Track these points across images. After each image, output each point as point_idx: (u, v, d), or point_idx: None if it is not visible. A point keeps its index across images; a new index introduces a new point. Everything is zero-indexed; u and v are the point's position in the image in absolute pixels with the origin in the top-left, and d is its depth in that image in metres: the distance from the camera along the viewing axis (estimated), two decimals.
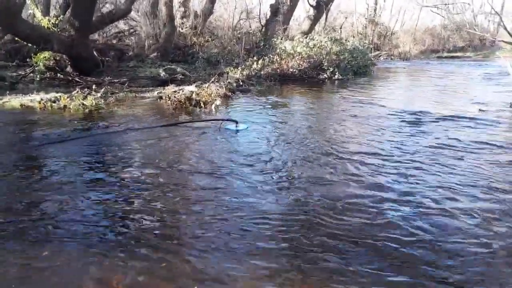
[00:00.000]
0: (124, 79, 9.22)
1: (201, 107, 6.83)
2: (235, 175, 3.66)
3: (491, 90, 9.56)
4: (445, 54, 24.25)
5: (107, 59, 10.68)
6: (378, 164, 3.97)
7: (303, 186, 3.43)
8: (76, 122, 5.81)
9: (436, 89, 10.14)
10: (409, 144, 4.69)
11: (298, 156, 4.28)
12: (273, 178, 3.62)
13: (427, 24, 26.98)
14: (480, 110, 6.79)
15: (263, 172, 3.76)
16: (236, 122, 5.55)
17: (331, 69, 11.81)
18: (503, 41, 12.95)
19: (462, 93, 9.22)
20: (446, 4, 22.55)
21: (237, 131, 5.37)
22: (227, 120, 5.72)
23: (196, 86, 7.77)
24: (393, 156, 4.25)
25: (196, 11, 14.83)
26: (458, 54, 24.43)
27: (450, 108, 7.03)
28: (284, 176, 3.67)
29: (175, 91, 7.31)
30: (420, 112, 6.55)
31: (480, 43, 25.33)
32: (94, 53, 9.96)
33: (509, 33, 9.15)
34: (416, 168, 3.86)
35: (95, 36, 12.70)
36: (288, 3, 15.24)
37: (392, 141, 4.85)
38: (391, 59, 21.41)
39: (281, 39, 12.91)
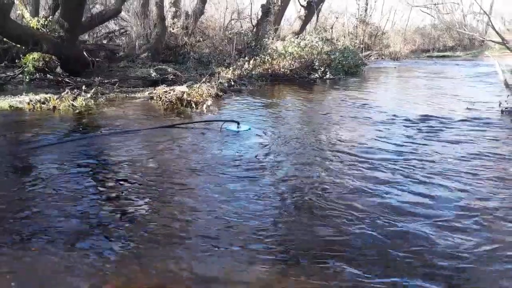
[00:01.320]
0: (115, 80, 9.15)
1: (192, 107, 6.81)
2: (238, 180, 3.51)
3: (480, 89, 9.68)
4: (435, 54, 24.50)
5: (97, 59, 10.59)
6: (382, 168, 3.92)
7: (316, 194, 3.24)
8: (67, 123, 5.75)
9: (425, 88, 10.24)
10: (409, 147, 4.71)
11: (305, 160, 4.10)
12: (281, 186, 3.42)
13: (417, 24, 27.27)
14: (467, 108, 6.88)
15: (269, 179, 3.57)
16: (238, 123, 5.40)
17: (322, 68, 11.88)
18: (491, 40, 13.12)
19: (451, 92, 9.32)
20: (435, 4, 22.75)
21: (239, 132, 5.23)
22: (229, 121, 5.55)
23: (187, 86, 7.74)
24: (394, 160, 4.19)
25: (187, 11, 14.79)
26: (448, 53, 24.71)
27: (439, 107, 7.11)
28: (295, 183, 3.48)
29: (166, 91, 7.28)
30: (410, 111, 6.62)
31: (469, 43, 25.63)
32: (84, 53, 9.88)
33: (497, 32, 9.28)
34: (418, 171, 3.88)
35: (85, 36, 12.60)
36: (279, 3, 15.26)
37: (391, 143, 4.82)
38: (382, 58, 21.55)
39: (273, 39, 12.94)
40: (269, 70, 11.33)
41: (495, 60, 7.76)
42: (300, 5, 16.20)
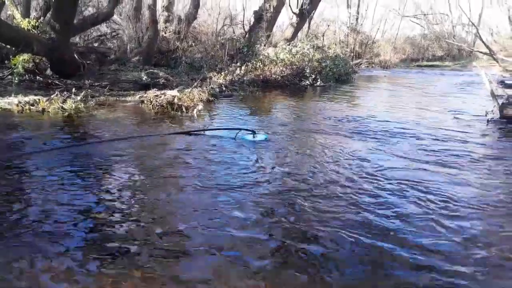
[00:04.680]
0: (105, 83, 9.12)
1: (183, 111, 6.82)
2: (255, 201, 3.21)
3: (468, 99, 9.84)
4: (425, 63, 24.85)
5: (88, 62, 10.54)
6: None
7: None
8: (57, 127, 5.66)
9: (414, 98, 10.38)
10: (401, 159, 4.76)
11: (332, 175, 3.87)
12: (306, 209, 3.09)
13: (407, 34, 27.63)
14: (455, 118, 7.00)
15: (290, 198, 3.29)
16: (254, 132, 5.17)
17: (313, 76, 11.97)
18: (479, 51, 13.38)
19: (439, 102, 9.45)
20: (425, 14, 23.13)
21: (254, 142, 4.98)
22: (245, 130, 5.34)
23: (178, 90, 7.75)
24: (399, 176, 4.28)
25: (179, 16, 14.81)
26: (437, 63, 25.07)
27: (428, 117, 7.15)
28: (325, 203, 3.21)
29: (157, 95, 7.28)
30: (399, 122, 6.58)
31: (458, 53, 26.06)
32: (75, 56, 9.82)
33: (484, 44, 9.49)
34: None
35: (76, 38, 12.54)
36: (272, 10, 15.36)
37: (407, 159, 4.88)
38: (372, 67, 21.80)
39: (265, 45, 13.02)
40: (261, 76, 11.39)
41: (481, 71, 7.89)
42: (292, 12, 16.31)
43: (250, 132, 5.20)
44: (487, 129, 6.30)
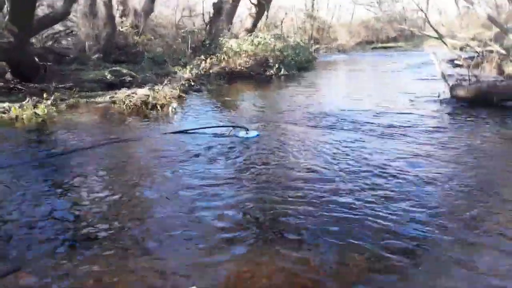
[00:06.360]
0: (70, 84, 8.96)
1: (158, 110, 6.93)
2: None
3: (421, 80, 10.51)
4: (379, 45, 25.85)
5: (48, 63, 10.27)
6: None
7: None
8: (36, 135, 5.57)
9: (371, 83, 10.97)
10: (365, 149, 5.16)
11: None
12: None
13: (362, 17, 28.50)
14: (410, 100, 7.54)
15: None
16: (247, 130, 5.31)
17: (277, 65, 12.30)
18: (428, 35, 14.20)
19: (395, 85, 10.04)
20: (378, 1, 23.95)
21: (247, 138, 5.09)
22: (238, 127, 5.47)
23: (149, 89, 7.81)
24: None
25: (135, 9, 14.58)
26: (391, 44, 26.16)
27: (387, 102, 7.42)
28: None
29: (128, 95, 7.33)
30: (362, 109, 6.84)
31: (410, 33, 27.23)
32: (34, 58, 9.56)
33: (433, 28, 10.17)
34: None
35: (32, 39, 12.09)
36: (231, 1, 15.44)
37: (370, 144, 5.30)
38: (331, 52, 22.46)
39: (227, 37, 13.15)
40: (226, 68, 11.56)
41: (431, 53, 8.42)
42: (251, 2, 16.46)
43: (243, 129, 5.32)
44: (441, 109, 6.87)
